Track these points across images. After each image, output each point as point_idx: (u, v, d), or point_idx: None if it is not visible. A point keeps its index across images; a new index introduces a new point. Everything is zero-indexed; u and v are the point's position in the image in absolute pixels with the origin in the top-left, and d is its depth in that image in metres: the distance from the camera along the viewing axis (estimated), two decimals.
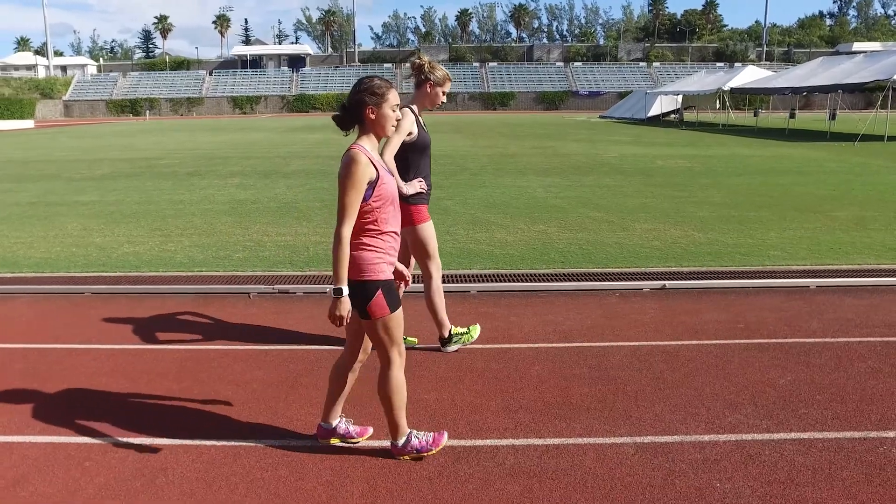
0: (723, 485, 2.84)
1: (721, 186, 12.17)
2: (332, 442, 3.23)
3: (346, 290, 2.78)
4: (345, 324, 2.82)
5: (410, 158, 4.02)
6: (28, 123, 48.23)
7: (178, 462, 3.13)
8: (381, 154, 3.46)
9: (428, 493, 2.84)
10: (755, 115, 51.97)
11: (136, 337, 4.88)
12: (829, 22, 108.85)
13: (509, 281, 6.04)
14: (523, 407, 3.62)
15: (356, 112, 2.86)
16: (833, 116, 43.37)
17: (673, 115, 44.29)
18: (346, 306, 2.79)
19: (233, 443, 3.30)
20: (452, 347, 4.44)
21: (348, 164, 2.76)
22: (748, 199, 10.72)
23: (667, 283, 5.85)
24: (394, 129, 2.97)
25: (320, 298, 5.81)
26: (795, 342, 4.53)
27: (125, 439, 3.35)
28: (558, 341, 4.62)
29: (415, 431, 3.11)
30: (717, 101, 46.84)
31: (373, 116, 2.85)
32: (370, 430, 3.32)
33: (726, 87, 34.58)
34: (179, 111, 71.48)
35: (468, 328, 4.50)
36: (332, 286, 2.79)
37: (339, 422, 3.24)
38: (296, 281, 6.22)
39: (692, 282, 5.90)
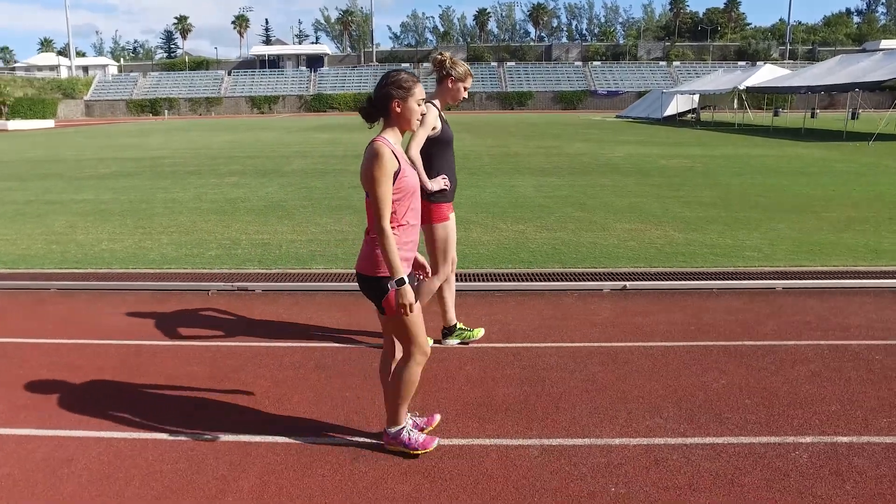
0: (617, 489, 2.77)
1: (717, 186, 11.99)
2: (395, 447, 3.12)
3: (406, 280, 2.77)
4: (414, 311, 2.81)
5: (434, 154, 3.97)
6: (49, 123, 49.05)
7: (86, 453, 3.14)
8: (407, 149, 3.48)
9: (317, 491, 2.81)
10: (775, 115, 51.34)
11: (85, 332, 4.91)
12: (856, 19, 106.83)
13: (467, 280, 5.98)
14: (440, 407, 3.57)
15: (382, 105, 2.86)
16: (855, 116, 42.72)
17: (690, 115, 43.80)
18: (409, 294, 2.78)
19: (143, 435, 3.30)
20: (452, 341, 4.44)
21: (373, 158, 2.75)
22: (742, 199, 10.54)
23: (628, 283, 5.75)
24: (419, 122, 2.94)
25: (276, 295, 5.81)
26: (743, 345, 4.43)
27: (39, 431, 3.36)
28: (499, 342, 4.56)
29: (408, 427, 3.10)
30: (735, 101, 46.34)
31: (398, 110, 2.85)
32: (437, 418, 3.30)
33: (742, 87, 34.07)
34: (198, 111, 72.26)
35: (473, 330, 4.54)
36: (393, 279, 2.78)
37: (407, 417, 3.16)
38: (259, 279, 6.23)
39: (655, 283, 5.80)
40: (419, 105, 2.89)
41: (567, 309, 5.28)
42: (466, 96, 4.15)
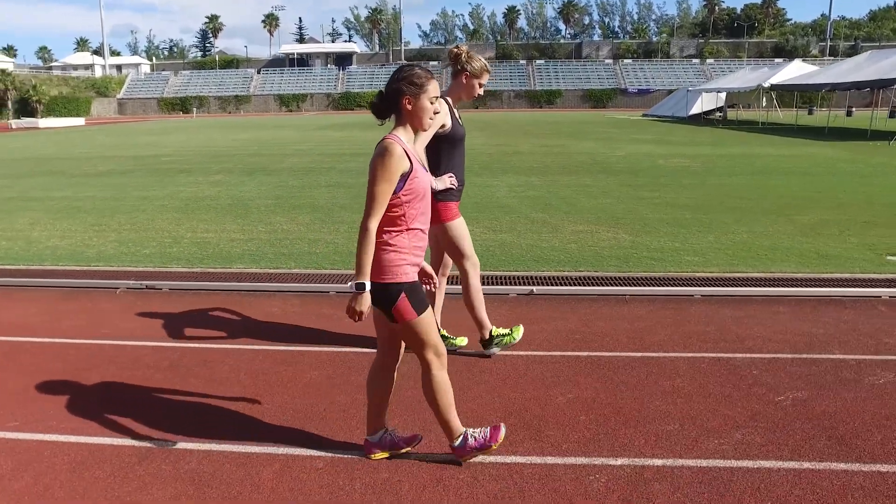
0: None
1: (703, 187, 11.59)
2: (377, 457, 3.01)
3: (368, 286, 2.63)
4: (362, 320, 2.68)
5: (442, 152, 3.82)
6: (79, 121, 50.27)
7: None
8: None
9: None
10: (809, 113, 49.84)
11: None
12: None
13: None
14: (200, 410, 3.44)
15: (393, 101, 2.73)
16: (893, 114, 41.14)
17: (718, 114, 42.76)
18: (365, 302, 2.64)
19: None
20: (494, 349, 4.20)
21: (381, 155, 2.63)
22: (721, 200, 10.16)
23: (535, 288, 5.52)
24: (431, 121, 2.81)
25: (182, 294, 5.74)
26: (618, 356, 4.18)
27: None
28: (336, 345, 4.41)
29: (470, 430, 2.96)
30: (763, 99, 45.10)
31: (409, 107, 2.72)
32: (419, 438, 3.10)
33: (766, 84, 33.07)
34: (227, 109, 73.34)
35: (511, 329, 4.25)
36: (354, 280, 2.65)
37: (384, 433, 3.05)
38: (178, 277, 6.17)
39: (563, 287, 5.55)
40: (432, 103, 2.73)
41: (461, 313, 5.07)
42: (482, 93, 3.98)
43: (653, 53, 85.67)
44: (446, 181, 3.75)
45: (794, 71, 33.85)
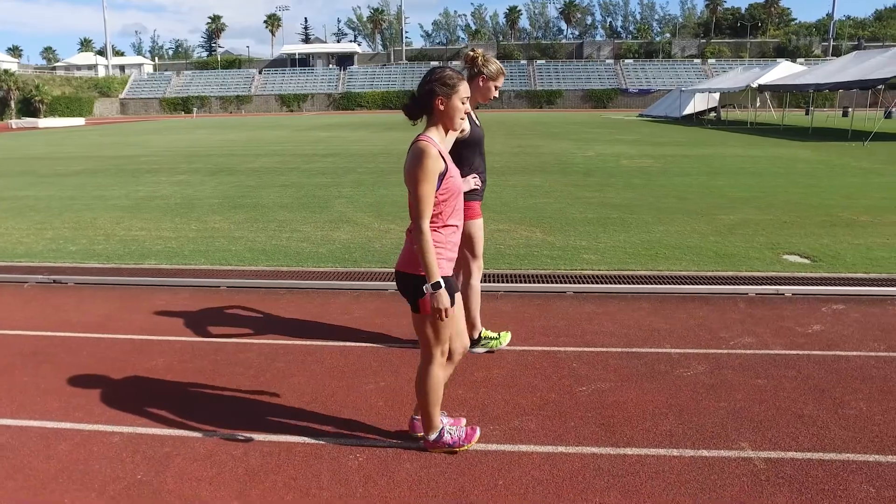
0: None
1: (648, 187, 11.73)
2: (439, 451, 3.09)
3: (443, 283, 2.71)
4: (449, 316, 2.74)
5: (463, 154, 3.88)
6: (80, 121, 50.76)
7: None
8: None
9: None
10: (806, 114, 49.73)
11: None
12: None
13: (251, 278, 6.03)
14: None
15: (426, 102, 2.81)
16: (889, 115, 41.01)
17: (713, 114, 42.68)
18: (445, 299, 2.71)
19: None
20: (479, 349, 4.29)
21: (418, 157, 2.70)
22: (657, 200, 10.30)
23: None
24: (462, 121, 2.89)
25: (83, 287, 5.95)
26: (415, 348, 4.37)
27: None
28: (211, 337, 4.60)
29: (447, 427, 3.07)
30: (757, 99, 44.96)
31: (442, 108, 2.80)
32: (478, 431, 3.16)
33: (755, 84, 33.03)
34: (229, 109, 73.82)
35: (499, 334, 4.37)
36: (428, 283, 2.70)
37: (441, 427, 3.12)
38: (86, 272, 6.40)
39: None
40: (464, 103, 2.83)
41: (321, 307, 5.27)
42: (497, 95, 4.06)
43: (654, 54, 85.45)
44: (471, 182, 3.86)
45: (783, 71, 33.78)
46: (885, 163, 15.49)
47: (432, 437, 3.03)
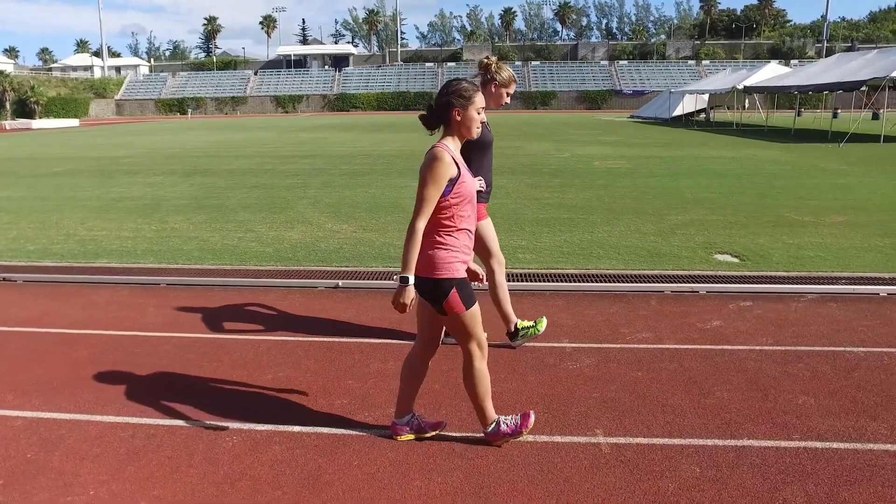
0: None
1: (609, 188, 11.95)
2: (404, 438, 3.25)
3: (412, 280, 2.86)
4: (407, 311, 2.90)
5: (472, 157, 4.02)
6: (73, 122, 50.99)
7: None
8: None
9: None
10: (798, 115, 49.93)
11: None
12: None
13: (190, 275, 6.26)
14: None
15: (443, 113, 2.96)
16: (876, 117, 41.25)
17: (702, 115, 42.90)
18: (410, 294, 2.86)
19: None
20: (519, 341, 4.46)
21: (432, 161, 2.87)
22: (612, 201, 10.51)
23: (341, 282, 5.93)
24: (478, 130, 3.03)
25: (30, 285, 6.17)
26: (297, 340, 4.68)
27: None
28: (146, 331, 4.83)
29: (502, 417, 3.19)
30: (746, 100, 45.19)
31: (459, 118, 2.95)
32: (444, 423, 3.33)
33: (741, 86, 33.27)
34: (224, 110, 74.03)
35: (535, 321, 4.51)
36: (400, 274, 2.87)
37: (411, 416, 3.28)
38: (37, 270, 6.63)
39: (368, 281, 5.97)
40: (479, 113, 2.98)
41: (254, 303, 5.49)
42: (509, 101, 4.22)
43: (649, 55, 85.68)
44: (476, 185, 4.06)
45: (769, 73, 34.01)
46: (852, 164, 15.70)
47: (490, 429, 3.16)
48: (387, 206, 10.22)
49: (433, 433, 3.27)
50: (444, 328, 3.17)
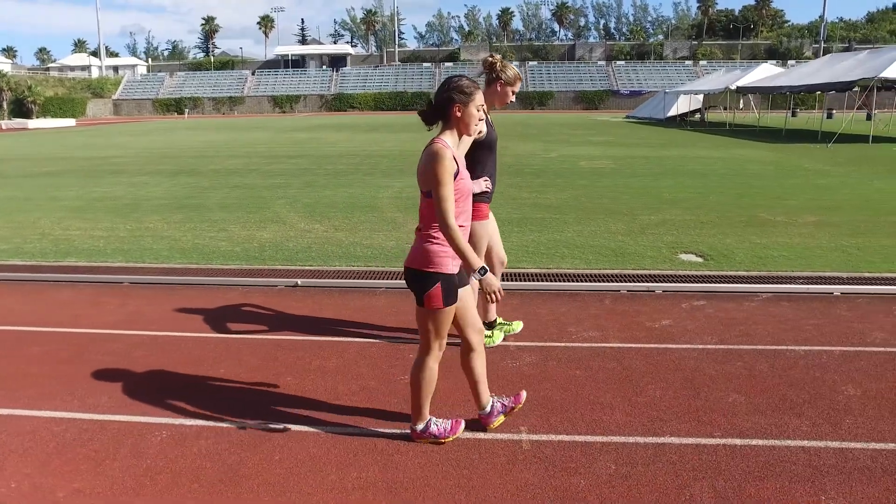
0: None
1: (590, 188, 11.99)
2: (496, 423, 3.34)
3: (487, 269, 2.91)
4: (502, 294, 2.97)
5: (478, 156, 4.03)
6: (70, 122, 51.06)
7: None
8: None
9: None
10: (793, 115, 50.02)
11: None
12: None
13: (155, 274, 6.31)
14: None
15: (443, 109, 2.98)
16: (869, 117, 41.30)
17: (697, 115, 42.94)
18: (495, 281, 2.93)
19: None
20: (493, 335, 4.53)
21: (435, 159, 2.87)
22: (589, 201, 10.55)
23: (300, 280, 5.98)
24: (477, 127, 3.08)
25: None
26: (273, 338, 4.71)
27: None
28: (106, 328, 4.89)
29: (434, 418, 3.24)
30: (741, 101, 45.21)
31: (459, 115, 2.97)
32: (524, 393, 3.42)
33: (733, 87, 33.31)
34: (221, 110, 74.10)
35: (511, 322, 4.67)
36: (474, 271, 2.90)
37: (492, 402, 3.35)
38: (4, 269, 6.68)
39: (327, 280, 6.03)
40: (479, 110, 3.00)
41: (213, 302, 5.54)
42: (514, 99, 4.23)
43: (646, 55, 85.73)
44: (482, 184, 4.01)
45: (762, 73, 34.04)
46: (837, 164, 15.74)
47: (419, 427, 3.20)
48: (363, 206, 10.26)
49: (517, 406, 3.37)
50: (478, 308, 3.20)
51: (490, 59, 4.11)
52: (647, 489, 2.85)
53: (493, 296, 2.92)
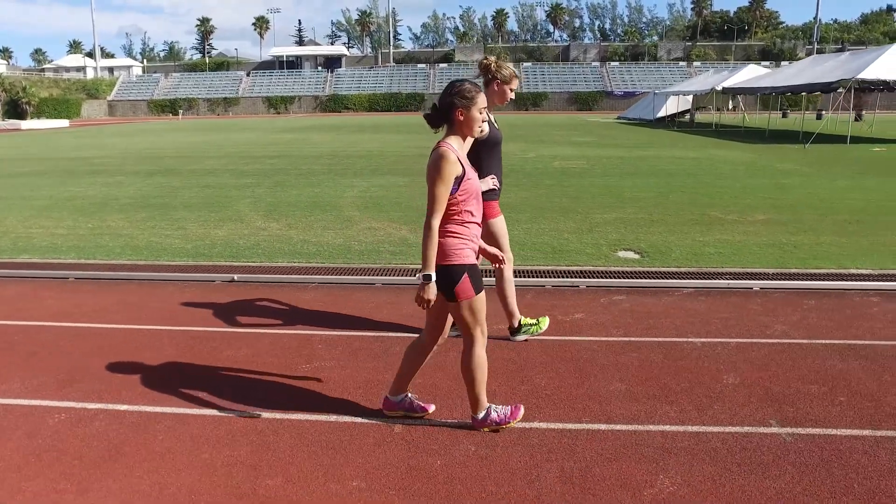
0: None
1: (554, 187, 12.19)
2: (394, 414, 3.46)
3: (434, 277, 3.01)
4: (430, 307, 3.08)
5: (483, 155, 4.16)
6: (64, 123, 51.17)
7: None
8: None
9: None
10: (784, 116, 50.12)
11: None
12: None
13: (100, 270, 6.49)
14: None
15: (446, 113, 3.09)
16: (859, 117, 41.50)
17: (687, 116, 43.13)
18: (433, 291, 3.02)
19: None
20: (521, 337, 4.60)
21: (438, 161, 3.00)
22: (548, 200, 10.73)
23: (236, 276, 6.17)
24: (480, 130, 3.19)
25: None
26: (196, 330, 4.91)
27: None
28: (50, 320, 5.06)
29: (493, 405, 3.35)
30: (730, 101, 45.40)
31: (461, 118, 3.08)
32: (432, 407, 3.53)
33: (719, 87, 33.51)
34: (216, 111, 74.28)
35: (538, 319, 4.67)
36: (422, 272, 3.01)
37: (405, 396, 3.48)
38: None
39: (263, 276, 6.22)
40: (481, 113, 3.11)
41: (151, 297, 5.72)
42: (513, 97, 4.34)
43: (640, 56, 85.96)
44: (489, 182, 4.17)
45: (748, 74, 34.22)
46: (807, 165, 15.93)
47: (480, 415, 3.30)
48: (324, 205, 10.44)
49: (421, 415, 3.45)
50: (452, 320, 3.29)
51: (485, 60, 4.23)
52: (498, 469, 3.02)
53: (423, 304, 3.03)
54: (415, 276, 6.18)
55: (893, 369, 4.13)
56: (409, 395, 3.51)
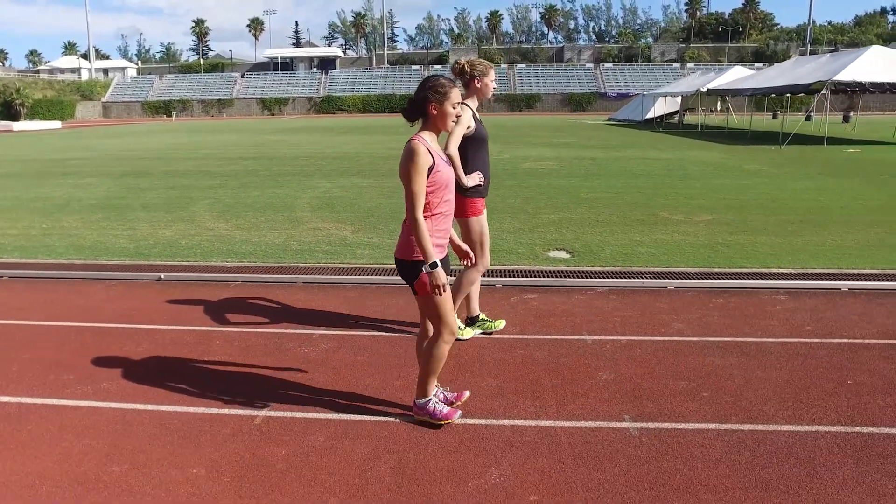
0: None
1: (514, 188, 12.28)
2: (423, 417, 3.46)
3: (438, 263, 3.09)
4: (446, 291, 3.15)
5: (469, 151, 4.23)
6: (56, 124, 51.31)
7: None
8: (446, 146, 3.86)
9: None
10: (774, 118, 50.21)
11: None
12: (891, 18, 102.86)
13: (33, 269, 6.61)
14: None
15: (420, 107, 3.18)
16: (847, 119, 41.53)
17: (676, 118, 43.22)
18: (442, 276, 3.10)
19: None
20: (474, 330, 4.71)
21: (410, 155, 3.08)
22: (502, 200, 10.79)
23: (163, 274, 6.30)
24: (454, 123, 3.28)
25: None
26: (107, 326, 5.03)
27: None
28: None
29: (435, 399, 3.43)
30: (718, 103, 45.50)
31: (434, 112, 3.17)
32: (466, 393, 3.64)
33: (704, 89, 33.62)
34: (210, 112, 74.46)
35: (494, 320, 4.82)
36: (425, 263, 3.10)
37: (436, 391, 3.54)
38: None
39: (192, 274, 6.35)
40: (454, 108, 3.19)
41: (91, 296, 5.83)
42: (496, 86, 4.42)
43: (634, 58, 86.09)
44: (475, 178, 4.25)
45: (733, 76, 34.34)
46: (776, 166, 16.04)
47: (421, 401, 3.41)
48: (279, 206, 10.56)
49: (458, 403, 3.55)
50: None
51: (456, 65, 4.33)
52: (337, 460, 3.14)
53: (439, 290, 3.10)
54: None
55: (766, 365, 4.25)
56: (439, 389, 3.58)
